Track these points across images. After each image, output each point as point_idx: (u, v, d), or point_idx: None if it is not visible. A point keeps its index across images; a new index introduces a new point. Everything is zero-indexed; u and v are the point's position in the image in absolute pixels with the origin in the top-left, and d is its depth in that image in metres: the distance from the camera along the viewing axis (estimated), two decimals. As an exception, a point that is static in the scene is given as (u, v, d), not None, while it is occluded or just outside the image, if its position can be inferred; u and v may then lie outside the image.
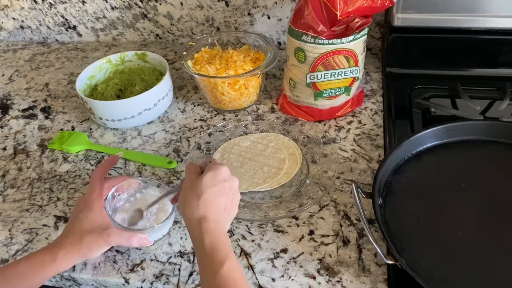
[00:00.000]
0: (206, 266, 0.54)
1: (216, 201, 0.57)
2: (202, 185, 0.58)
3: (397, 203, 0.67)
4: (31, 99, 1.03)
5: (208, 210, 0.57)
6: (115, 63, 0.98)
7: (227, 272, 0.52)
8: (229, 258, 0.53)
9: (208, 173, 0.59)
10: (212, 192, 0.57)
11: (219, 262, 0.52)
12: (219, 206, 0.58)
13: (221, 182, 0.59)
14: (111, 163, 0.71)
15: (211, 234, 0.55)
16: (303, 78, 0.83)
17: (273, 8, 1.05)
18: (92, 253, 0.62)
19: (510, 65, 0.91)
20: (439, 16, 0.86)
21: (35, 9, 1.18)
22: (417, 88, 0.91)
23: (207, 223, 0.55)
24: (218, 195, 0.58)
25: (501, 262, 0.59)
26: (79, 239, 0.61)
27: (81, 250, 0.61)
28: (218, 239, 0.55)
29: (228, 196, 0.59)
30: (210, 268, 0.53)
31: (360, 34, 0.79)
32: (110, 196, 0.66)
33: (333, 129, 0.86)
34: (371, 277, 0.61)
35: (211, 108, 0.95)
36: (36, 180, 0.82)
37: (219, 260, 0.53)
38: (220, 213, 0.58)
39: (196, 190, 0.58)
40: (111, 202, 0.66)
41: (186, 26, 1.14)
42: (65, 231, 0.63)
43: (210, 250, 0.54)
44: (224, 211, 0.58)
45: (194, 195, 0.58)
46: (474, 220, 0.64)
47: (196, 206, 0.57)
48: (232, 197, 0.60)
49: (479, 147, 0.74)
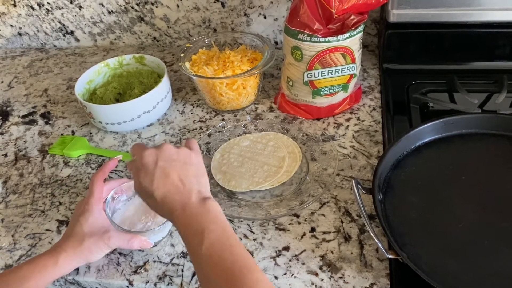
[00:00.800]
0: (190, 254, 0.52)
1: (167, 186, 0.55)
2: (144, 185, 0.56)
3: (397, 198, 0.67)
4: (31, 105, 1.03)
5: (167, 201, 0.54)
6: (113, 67, 0.99)
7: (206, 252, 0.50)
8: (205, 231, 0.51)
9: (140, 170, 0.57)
10: (157, 184, 0.55)
11: (196, 245, 0.50)
12: (174, 186, 0.55)
13: (154, 167, 0.56)
14: (110, 166, 0.71)
15: (181, 219, 0.53)
16: (300, 76, 0.84)
17: (269, 8, 1.06)
18: (93, 256, 0.62)
19: (507, 58, 0.91)
20: (434, 10, 0.86)
21: (32, 16, 1.18)
22: (415, 83, 0.91)
23: (174, 213, 0.54)
24: (163, 180, 0.55)
25: (502, 254, 0.59)
26: (80, 242, 0.61)
27: (82, 253, 0.61)
28: (188, 220, 0.53)
29: (172, 170, 0.56)
30: (193, 255, 0.51)
31: (356, 31, 0.79)
32: (110, 198, 0.67)
33: (332, 127, 0.86)
34: (373, 272, 0.62)
35: (210, 109, 0.95)
36: (37, 186, 0.82)
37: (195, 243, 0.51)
38: (179, 191, 0.55)
39: (146, 193, 0.57)
40: (110, 204, 0.67)
41: (183, 28, 1.14)
42: (65, 235, 0.63)
43: (184, 235, 0.53)
44: (182, 183, 0.55)
45: (149, 198, 0.57)
46: (474, 212, 0.64)
47: (158, 205, 0.56)
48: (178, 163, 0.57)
49: (478, 140, 0.75)
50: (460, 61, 0.93)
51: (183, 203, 0.54)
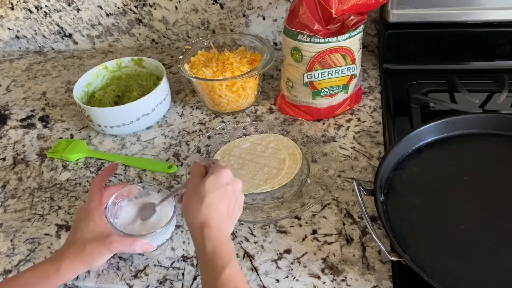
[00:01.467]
0: (207, 272, 0.54)
1: (219, 205, 0.57)
2: (204, 189, 0.58)
3: (399, 200, 0.67)
4: (29, 108, 1.03)
5: (211, 215, 0.56)
6: (112, 69, 0.98)
7: (228, 277, 0.52)
8: (231, 264, 0.53)
9: (211, 177, 0.59)
10: (215, 197, 0.57)
11: (220, 268, 0.53)
12: (222, 211, 0.58)
13: (223, 185, 0.58)
14: (111, 171, 0.70)
15: (213, 240, 0.55)
16: (300, 77, 0.83)
17: (268, 9, 1.05)
18: (96, 262, 0.62)
19: (507, 57, 0.91)
20: (434, 10, 0.86)
21: (30, 19, 1.18)
22: (415, 83, 0.91)
23: (209, 228, 0.55)
24: (220, 199, 0.58)
25: (505, 255, 0.59)
26: (82, 248, 0.61)
27: (84, 259, 0.61)
28: (220, 244, 0.55)
29: (231, 199, 0.59)
30: (211, 274, 0.53)
31: (355, 31, 0.79)
32: (110, 204, 0.66)
33: (332, 128, 0.86)
34: (376, 275, 0.61)
35: (210, 111, 0.94)
36: (36, 190, 0.81)
37: (220, 265, 0.53)
38: (223, 218, 0.58)
39: (198, 194, 0.58)
40: (111, 210, 0.66)
41: (182, 30, 1.14)
42: (67, 242, 0.63)
43: (211, 256, 0.54)
44: (227, 215, 0.58)
45: (197, 199, 0.58)
46: (477, 213, 0.64)
47: (199, 211, 0.57)
48: (235, 200, 0.60)
49: (479, 140, 0.74)
50: (461, 61, 0.93)
51: (219, 227, 0.56)
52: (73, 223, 0.65)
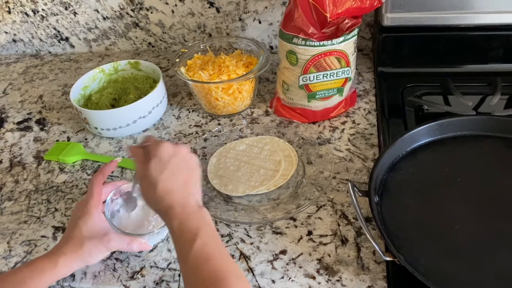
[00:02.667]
0: (179, 250, 0.53)
1: (173, 184, 0.56)
2: (152, 174, 0.56)
3: (394, 201, 0.68)
4: (26, 111, 1.03)
5: (169, 197, 0.55)
6: (109, 72, 0.99)
7: (198, 248, 0.50)
8: (200, 233, 0.51)
9: (152, 159, 0.57)
10: (165, 177, 0.56)
11: (190, 241, 0.51)
12: (178, 186, 0.56)
13: (168, 161, 0.57)
14: (110, 169, 0.71)
15: (179, 218, 0.54)
16: (295, 80, 0.84)
17: (264, 13, 1.06)
18: (93, 259, 0.62)
19: (500, 60, 0.92)
20: (428, 14, 0.87)
21: (27, 22, 1.18)
22: (409, 86, 0.92)
23: (173, 209, 0.54)
24: (172, 176, 0.56)
25: (499, 255, 0.59)
26: (80, 245, 0.61)
27: (82, 256, 0.61)
28: (186, 219, 0.53)
29: (182, 170, 0.57)
30: (182, 250, 0.52)
31: (350, 35, 0.79)
32: (109, 201, 0.67)
33: (328, 130, 0.86)
34: (371, 275, 0.62)
35: (206, 114, 0.95)
36: (33, 192, 0.82)
37: (189, 238, 0.51)
38: (182, 192, 0.56)
39: (150, 182, 0.56)
40: (109, 207, 0.66)
41: (178, 33, 1.14)
42: (64, 238, 0.63)
43: (179, 233, 0.53)
44: (185, 185, 0.57)
45: (150, 188, 0.56)
46: (471, 214, 0.65)
47: (157, 197, 0.56)
48: (187, 165, 0.58)
49: (473, 141, 0.75)
50: (454, 64, 0.94)
51: (183, 203, 0.55)
52: (71, 220, 0.65)
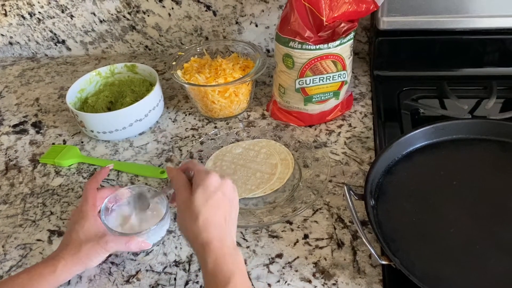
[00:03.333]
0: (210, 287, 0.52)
1: (214, 218, 0.56)
2: (195, 204, 0.56)
3: (389, 204, 0.68)
4: (22, 114, 1.03)
5: (209, 230, 0.55)
6: (105, 75, 0.99)
7: None
8: (234, 276, 0.51)
9: (198, 190, 0.57)
10: (208, 209, 0.56)
11: (223, 283, 0.51)
12: (219, 221, 0.56)
13: (213, 194, 0.57)
14: (103, 175, 0.71)
15: (215, 254, 0.53)
16: (292, 84, 0.84)
17: (261, 16, 1.06)
18: (91, 262, 0.62)
19: (496, 64, 0.92)
20: (424, 18, 0.87)
21: (24, 25, 1.18)
22: (405, 89, 0.92)
23: (211, 244, 0.54)
24: (215, 210, 0.56)
25: (494, 258, 0.60)
26: (77, 249, 0.61)
27: (80, 259, 0.61)
28: (222, 257, 0.53)
29: (225, 205, 0.58)
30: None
31: (346, 38, 0.80)
32: (104, 208, 0.66)
33: (324, 133, 0.86)
34: (367, 278, 0.62)
35: (202, 117, 0.95)
36: (28, 195, 0.81)
37: (223, 280, 0.51)
38: (222, 228, 0.56)
39: (191, 212, 0.56)
40: (105, 212, 0.66)
41: (175, 36, 1.14)
42: (62, 244, 0.63)
43: (213, 271, 0.52)
44: (225, 223, 0.57)
45: (191, 217, 0.56)
46: (466, 217, 0.65)
47: (196, 229, 0.55)
48: (230, 203, 0.58)
49: (468, 145, 0.75)
50: (450, 68, 0.94)
51: (221, 240, 0.55)
52: (68, 226, 0.65)
